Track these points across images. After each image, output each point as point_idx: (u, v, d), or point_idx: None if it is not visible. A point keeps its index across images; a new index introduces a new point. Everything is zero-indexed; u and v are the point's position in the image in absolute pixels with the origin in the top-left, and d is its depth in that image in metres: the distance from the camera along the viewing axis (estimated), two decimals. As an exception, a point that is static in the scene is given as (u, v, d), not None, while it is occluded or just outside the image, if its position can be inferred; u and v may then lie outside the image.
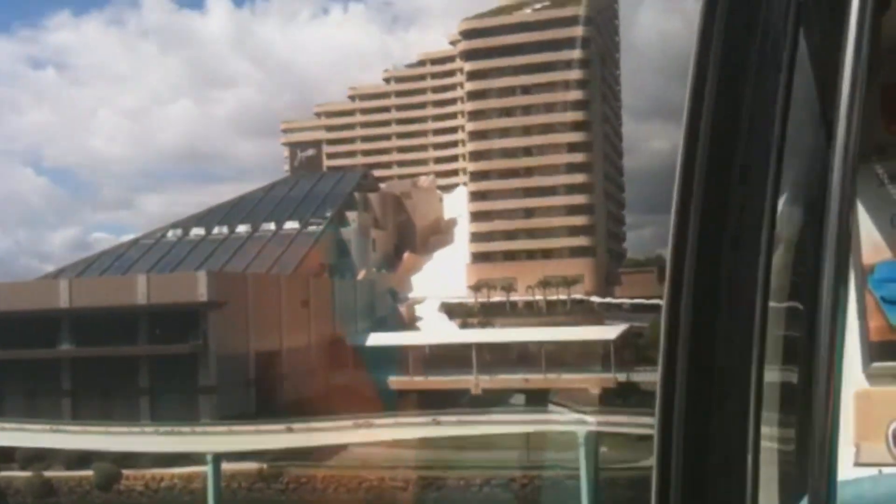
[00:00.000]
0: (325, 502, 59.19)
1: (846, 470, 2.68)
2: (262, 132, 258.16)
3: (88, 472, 61.68)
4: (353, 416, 47.90)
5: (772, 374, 1.81)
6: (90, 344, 66.11)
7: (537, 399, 62.87)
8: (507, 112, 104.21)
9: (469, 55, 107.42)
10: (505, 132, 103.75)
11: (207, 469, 45.70)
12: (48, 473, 60.88)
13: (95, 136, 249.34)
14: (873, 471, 2.70)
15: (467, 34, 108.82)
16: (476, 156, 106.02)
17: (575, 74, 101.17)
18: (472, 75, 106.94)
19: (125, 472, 61.54)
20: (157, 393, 65.40)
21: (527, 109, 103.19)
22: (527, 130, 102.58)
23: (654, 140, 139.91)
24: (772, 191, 1.23)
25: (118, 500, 61.44)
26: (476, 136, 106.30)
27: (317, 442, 48.12)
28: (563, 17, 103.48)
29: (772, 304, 1.42)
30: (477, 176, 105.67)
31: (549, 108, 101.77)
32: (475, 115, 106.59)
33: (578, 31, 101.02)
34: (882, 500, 2.07)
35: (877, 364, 2.99)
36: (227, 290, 67.71)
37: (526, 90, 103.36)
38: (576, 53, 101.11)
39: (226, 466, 58.56)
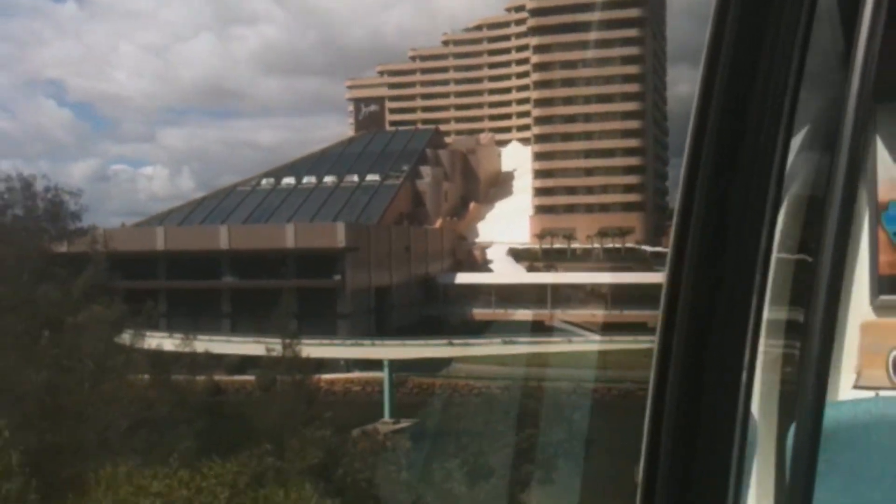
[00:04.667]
0: (444, 404, 75.83)
1: (846, 393, 2.90)
2: (284, 70, 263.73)
3: (250, 377, 78.60)
4: (501, 335, 63.63)
5: (777, 311, 2.20)
6: (247, 278, 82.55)
7: (605, 330, 79.06)
8: (570, 82, 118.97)
9: (537, 30, 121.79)
10: (568, 100, 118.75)
11: (384, 373, 61.35)
12: (217, 377, 77.63)
13: (117, 71, 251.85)
14: (871, 393, 2.84)
15: (536, 11, 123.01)
16: (541, 120, 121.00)
17: (631, 50, 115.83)
18: (539, 49, 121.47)
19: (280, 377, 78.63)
20: (303, 318, 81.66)
21: (588, 80, 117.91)
22: (587, 99, 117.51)
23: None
24: (785, 130, 1.26)
25: (269, 399, 78.42)
26: (542, 103, 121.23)
27: (472, 353, 64.04)
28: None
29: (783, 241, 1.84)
30: (541, 138, 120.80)
31: (608, 79, 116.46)
32: (541, 85, 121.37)
33: (634, 11, 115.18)
34: (877, 419, 2.18)
35: (884, 297, 3.08)
36: (357, 238, 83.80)
37: (587, 63, 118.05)
38: (632, 31, 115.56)
39: (359, 375, 75.74)
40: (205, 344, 50.74)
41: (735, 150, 1.28)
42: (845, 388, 2.98)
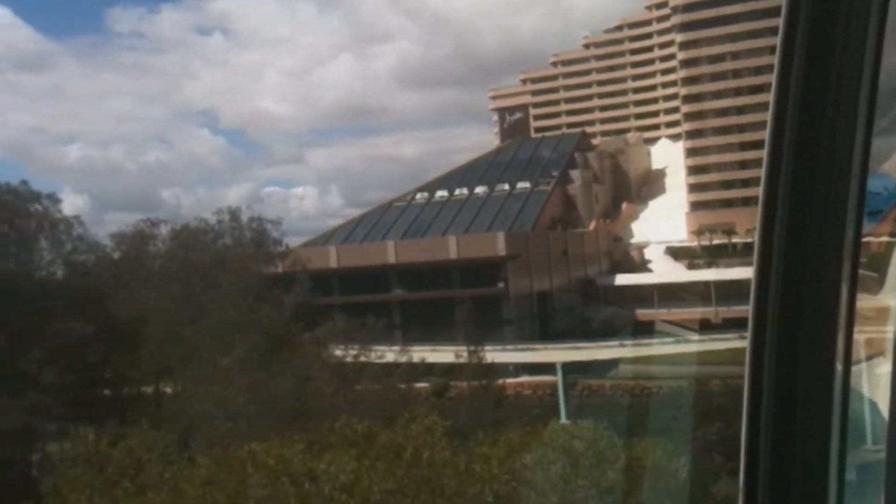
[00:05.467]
0: (613, 405, 76.93)
1: None
2: (421, 84, 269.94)
3: (425, 385, 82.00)
4: (675, 334, 64.39)
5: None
6: (414, 290, 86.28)
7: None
8: (719, 76, 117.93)
9: (682, 27, 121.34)
10: (717, 94, 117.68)
11: (557, 376, 63.19)
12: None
13: (264, 97, 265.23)
14: None
15: (680, 8, 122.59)
16: (691, 116, 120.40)
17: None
18: (685, 45, 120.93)
19: (452, 383, 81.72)
20: (470, 325, 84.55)
21: (737, 73, 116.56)
22: (738, 91, 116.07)
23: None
24: (866, 114, 1.24)
25: (448, 405, 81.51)
26: (690, 99, 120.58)
27: (644, 353, 65.15)
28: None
29: None
30: (692, 134, 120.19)
31: (757, 70, 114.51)
32: (689, 81, 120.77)
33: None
34: None
35: None
36: (517, 245, 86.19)
37: (735, 56, 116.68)
38: (778, 21, 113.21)
39: (528, 379, 77.68)
40: (395, 353, 53.62)
41: (816, 136, 1.28)
42: None
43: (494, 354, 65.41)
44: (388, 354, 73.49)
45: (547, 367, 73.76)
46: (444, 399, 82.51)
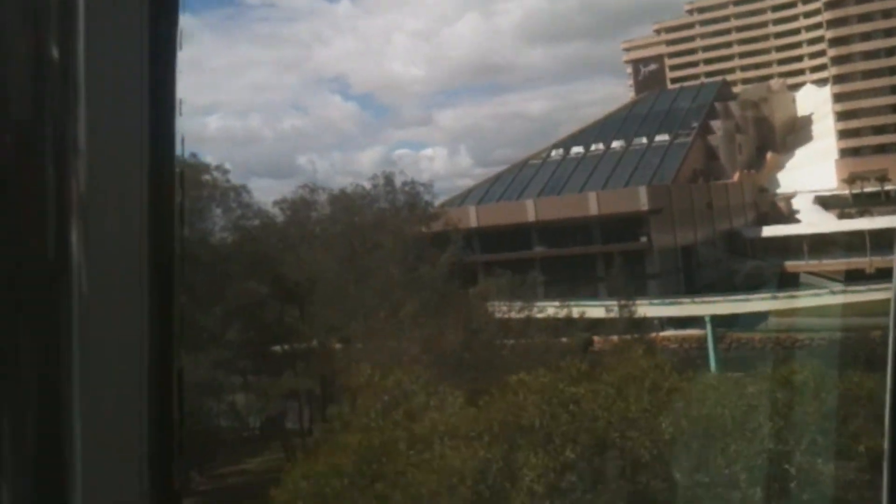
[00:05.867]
0: (765, 357, 76.00)
1: None
2: (547, 38, 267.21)
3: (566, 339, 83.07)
4: (826, 286, 63.17)
5: None
6: (556, 247, 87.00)
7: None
8: (867, 17, 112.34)
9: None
10: (866, 36, 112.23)
11: (707, 329, 63.05)
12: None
13: (393, 61, 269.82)
14: None
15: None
16: (838, 60, 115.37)
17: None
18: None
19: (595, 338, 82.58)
20: (611, 280, 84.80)
21: (886, 13, 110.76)
22: (888, 33, 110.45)
23: None
24: None
25: (592, 358, 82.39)
26: (837, 42, 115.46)
27: (795, 305, 64.23)
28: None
29: None
30: (840, 78, 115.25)
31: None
32: (835, 23, 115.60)
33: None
34: None
35: None
36: (659, 199, 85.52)
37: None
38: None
39: (675, 333, 77.34)
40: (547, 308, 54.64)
41: None
42: None
43: (640, 308, 65.63)
44: (548, 309, 75.08)
45: (693, 321, 73.36)
46: (589, 353, 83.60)
